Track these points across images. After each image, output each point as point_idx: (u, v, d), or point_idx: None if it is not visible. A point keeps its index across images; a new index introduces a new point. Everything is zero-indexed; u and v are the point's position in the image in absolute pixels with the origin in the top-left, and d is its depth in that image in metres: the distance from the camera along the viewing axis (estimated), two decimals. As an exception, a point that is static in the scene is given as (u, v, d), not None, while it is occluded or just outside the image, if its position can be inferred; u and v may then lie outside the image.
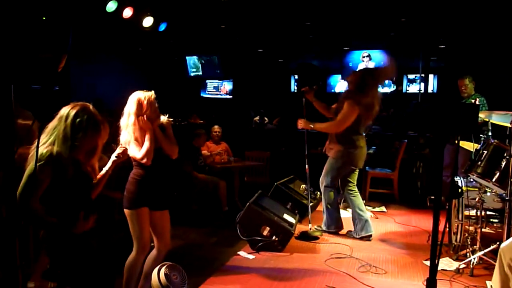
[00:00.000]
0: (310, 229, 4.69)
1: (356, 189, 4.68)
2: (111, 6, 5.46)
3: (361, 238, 4.55)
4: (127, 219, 2.96)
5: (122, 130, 2.95)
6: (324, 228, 4.73)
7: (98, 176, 2.60)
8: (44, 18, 1.54)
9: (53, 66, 1.61)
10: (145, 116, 2.91)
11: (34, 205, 2.21)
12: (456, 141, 1.39)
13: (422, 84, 8.19)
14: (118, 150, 2.71)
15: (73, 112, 2.32)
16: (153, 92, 3.03)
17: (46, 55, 1.70)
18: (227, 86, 12.04)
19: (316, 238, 4.57)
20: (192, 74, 11.32)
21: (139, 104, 2.93)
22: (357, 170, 4.65)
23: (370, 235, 4.56)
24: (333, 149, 4.52)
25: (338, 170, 4.55)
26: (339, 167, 4.53)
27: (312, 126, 4.48)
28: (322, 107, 4.69)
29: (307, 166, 4.82)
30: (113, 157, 2.70)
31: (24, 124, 2.76)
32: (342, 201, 5.36)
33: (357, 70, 4.57)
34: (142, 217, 2.94)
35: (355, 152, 4.42)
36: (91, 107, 2.45)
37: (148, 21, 6.15)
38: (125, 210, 2.96)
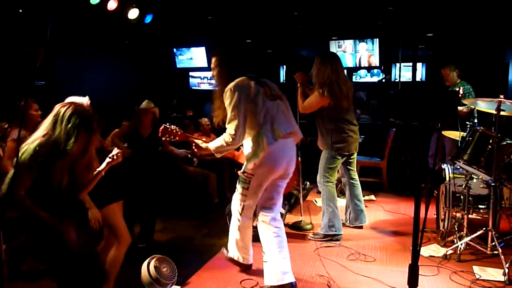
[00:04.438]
0: (301, 221, 4.70)
1: (357, 178, 4.59)
2: (95, -2, 5.39)
3: (354, 227, 4.57)
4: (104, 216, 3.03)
5: None
6: (322, 231, 4.30)
7: (90, 176, 2.58)
8: (20, 10, 1.51)
9: (31, 60, 1.58)
10: None
11: (22, 198, 2.22)
12: (438, 127, 1.39)
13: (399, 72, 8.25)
14: (114, 152, 2.68)
15: (67, 115, 2.29)
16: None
17: (26, 49, 1.68)
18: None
19: (308, 229, 4.59)
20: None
21: None
22: (354, 158, 4.52)
23: (362, 226, 4.60)
24: (322, 142, 4.39)
25: (331, 162, 4.30)
26: (329, 158, 4.30)
27: (299, 85, 4.35)
28: (303, 95, 4.44)
29: (299, 158, 4.76)
30: (107, 159, 2.67)
31: None
32: (339, 191, 5.32)
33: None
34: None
35: (342, 140, 4.22)
36: (85, 104, 2.46)
37: (133, 13, 6.07)
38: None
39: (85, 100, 2.86)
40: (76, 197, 2.53)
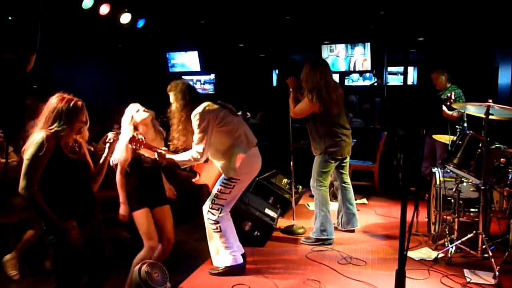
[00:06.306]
0: (293, 225, 4.71)
1: (349, 181, 4.60)
2: (87, 3, 5.38)
3: (345, 231, 4.59)
4: (134, 220, 3.22)
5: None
6: (314, 236, 4.31)
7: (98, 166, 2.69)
8: (10, 18, 1.51)
9: (21, 67, 1.59)
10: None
11: (33, 193, 2.30)
12: (423, 134, 1.40)
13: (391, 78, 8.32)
14: (110, 135, 2.74)
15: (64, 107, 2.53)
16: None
17: (13, 56, 1.68)
18: (207, 86, 12.08)
19: (300, 233, 4.60)
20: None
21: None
22: (347, 162, 4.53)
23: (354, 230, 4.61)
24: (315, 147, 4.41)
25: (324, 166, 4.30)
26: (323, 162, 4.29)
27: (291, 90, 4.43)
28: (294, 100, 4.47)
29: (291, 163, 4.77)
30: (107, 144, 2.74)
31: None
32: (331, 195, 5.33)
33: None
34: (146, 216, 3.28)
35: (335, 144, 4.24)
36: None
37: (125, 18, 6.07)
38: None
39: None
40: (90, 191, 2.62)
